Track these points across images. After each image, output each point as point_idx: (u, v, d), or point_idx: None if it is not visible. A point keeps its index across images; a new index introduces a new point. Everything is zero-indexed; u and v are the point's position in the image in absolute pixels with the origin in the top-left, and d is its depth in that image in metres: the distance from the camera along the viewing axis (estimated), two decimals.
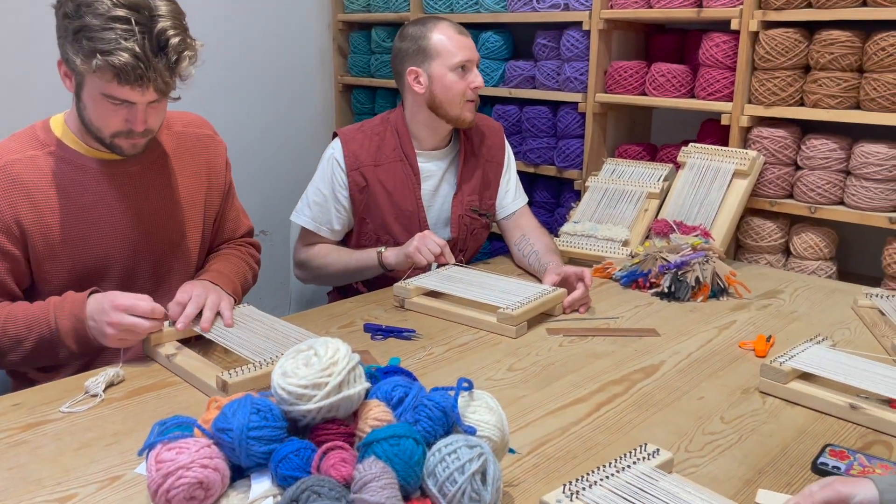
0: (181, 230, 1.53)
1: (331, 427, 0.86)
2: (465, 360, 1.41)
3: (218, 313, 1.38)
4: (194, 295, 1.38)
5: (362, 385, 0.88)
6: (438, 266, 1.76)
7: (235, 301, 1.49)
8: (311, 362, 0.87)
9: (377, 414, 0.89)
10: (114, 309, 1.26)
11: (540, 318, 1.61)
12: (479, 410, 0.94)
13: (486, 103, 2.75)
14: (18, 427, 1.11)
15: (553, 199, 2.64)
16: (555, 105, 2.55)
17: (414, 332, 1.53)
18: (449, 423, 0.89)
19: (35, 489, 0.95)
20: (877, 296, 1.68)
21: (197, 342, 1.39)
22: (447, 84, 1.79)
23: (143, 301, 1.28)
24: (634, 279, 1.83)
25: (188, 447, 0.79)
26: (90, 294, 1.31)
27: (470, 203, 1.92)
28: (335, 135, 1.91)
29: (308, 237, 1.92)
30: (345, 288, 1.98)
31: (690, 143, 2.16)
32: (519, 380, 1.32)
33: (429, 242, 1.71)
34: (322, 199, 1.87)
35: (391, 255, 1.79)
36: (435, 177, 1.91)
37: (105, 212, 1.41)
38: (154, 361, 1.34)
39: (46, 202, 1.36)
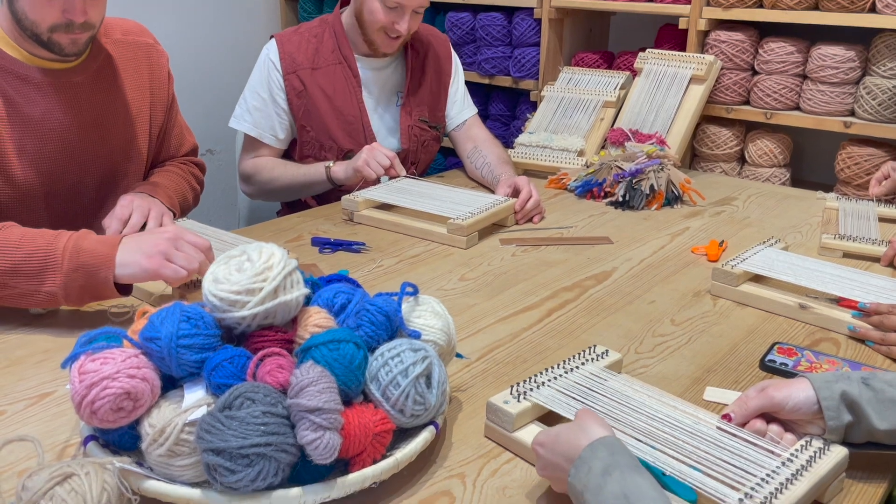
0: (128, 145, 1.43)
1: (267, 334, 0.82)
2: (416, 271, 1.37)
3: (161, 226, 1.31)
4: (135, 206, 1.31)
5: (300, 291, 0.84)
6: (389, 179, 1.70)
7: (174, 216, 1.42)
8: (244, 268, 0.82)
9: (317, 320, 0.85)
10: (166, 237, 1.09)
11: (492, 229, 1.58)
12: (425, 315, 0.91)
13: (438, 10, 2.63)
14: None
15: (508, 111, 2.57)
16: (510, 11, 2.45)
17: (363, 245, 1.48)
18: (393, 328, 0.86)
19: None
20: (839, 198, 1.68)
21: None
22: (371, 9, 1.69)
23: (185, 241, 1.12)
24: (589, 189, 1.81)
25: (113, 357, 0.74)
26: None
27: (419, 114, 1.85)
28: (272, 37, 1.81)
29: (252, 147, 1.83)
30: (294, 203, 1.92)
31: (648, 49, 2.10)
32: (470, 289, 1.30)
33: (377, 155, 1.65)
34: (261, 103, 1.78)
35: (339, 169, 1.72)
36: (379, 85, 1.83)
37: (55, 125, 1.30)
38: None
39: None
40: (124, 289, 1.10)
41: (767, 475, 0.74)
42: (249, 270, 0.81)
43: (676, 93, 1.99)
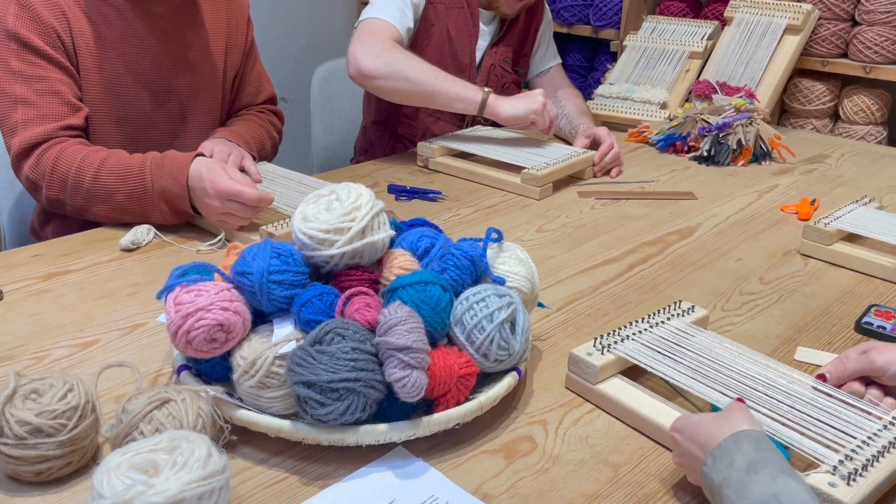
0: (201, 83, 1.44)
1: (354, 273, 0.82)
2: (493, 221, 1.36)
3: (242, 169, 1.33)
4: (216, 151, 1.32)
5: (386, 232, 0.84)
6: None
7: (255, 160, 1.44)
8: (333, 207, 0.82)
9: (402, 262, 0.85)
10: (217, 195, 1.15)
11: (568, 181, 1.55)
12: (509, 262, 0.90)
13: None
14: (39, 277, 1.09)
15: (586, 62, 2.50)
16: None
17: (439, 194, 1.47)
18: (477, 272, 0.85)
19: (58, 335, 0.94)
20: None
21: None
22: None
23: (249, 189, 1.15)
24: (672, 143, 1.74)
25: (207, 290, 0.76)
26: (195, 157, 1.21)
27: (504, 54, 1.80)
28: None
29: (383, 30, 1.57)
30: (368, 150, 1.90)
31: None
32: (548, 240, 1.28)
33: (550, 106, 1.56)
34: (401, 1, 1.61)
35: (505, 104, 1.52)
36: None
37: (131, 50, 1.32)
38: None
39: (78, 24, 1.26)
40: None
41: (868, 437, 0.71)
42: (338, 210, 0.81)
43: (769, 44, 1.89)
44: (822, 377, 0.80)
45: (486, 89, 1.54)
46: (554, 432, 0.79)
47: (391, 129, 1.81)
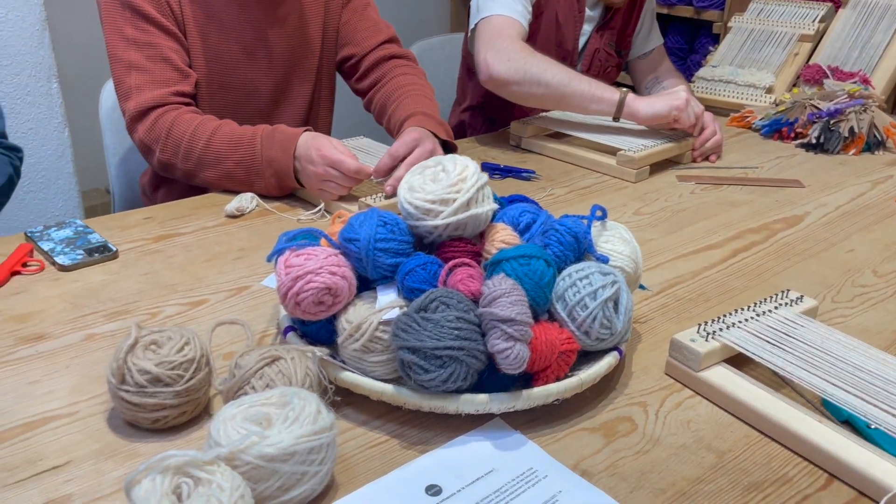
0: (303, 49, 1.45)
1: (457, 245, 0.82)
2: (588, 202, 1.34)
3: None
4: (417, 150, 1.22)
5: (490, 205, 0.84)
6: None
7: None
8: (439, 178, 0.83)
9: (504, 237, 0.84)
10: (321, 160, 1.19)
11: (665, 165, 1.51)
12: (613, 240, 0.88)
13: None
14: (151, 238, 1.14)
15: (686, 44, 2.42)
16: None
17: (533, 173, 1.46)
18: (580, 249, 0.84)
19: (169, 293, 0.99)
20: None
21: None
22: None
23: (350, 159, 1.18)
24: (777, 129, 1.68)
25: (316, 254, 0.78)
26: (304, 132, 1.24)
27: (609, 38, 1.75)
28: None
29: (510, 30, 1.50)
30: (461, 129, 1.90)
31: None
32: (646, 223, 1.25)
33: (695, 102, 1.50)
34: None
35: (644, 102, 1.47)
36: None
37: (234, 18, 1.35)
38: None
39: None
40: None
41: None
42: (444, 181, 0.82)
43: (888, 27, 1.78)
44: None
45: (624, 89, 1.49)
46: (654, 415, 0.78)
47: (486, 114, 1.81)
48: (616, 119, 1.51)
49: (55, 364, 0.83)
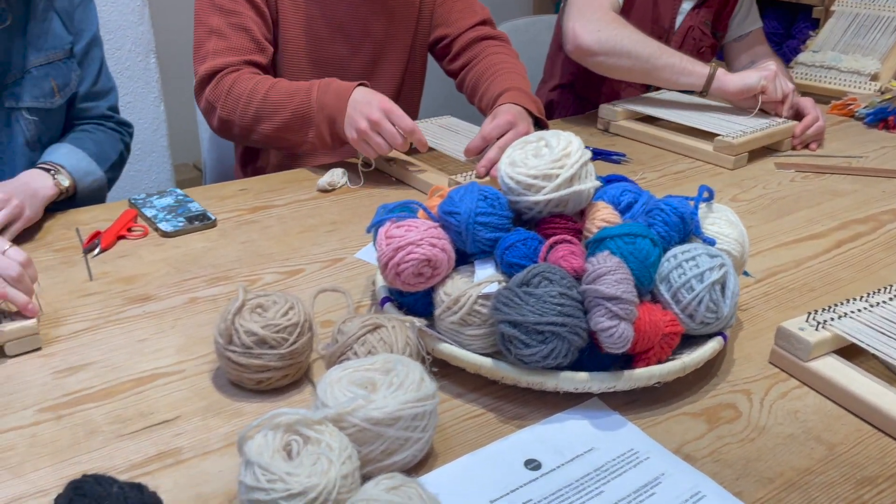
0: (397, 26, 1.45)
1: (558, 221, 0.81)
2: (682, 187, 1.30)
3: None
4: (511, 132, 1.21)
5: (593, 183, 0.82)
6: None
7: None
8: (542, 153, 0.82)
9: (605, 215, 0.83)
10: (379, 105, 1.20)
11: (763, 152, 1.45)
12: (719, 223, 0.85)
13: None
14: (247, 209, 1.17)
15: (782, 29, 2.32)
16: None
17: (623, 156, 1.43)
18: (686, 230, 0.82)
19: (266, 262, 1.01)
20: None
21: None
22: None
23: (407, 119, 1.20)
24: (883, 117, 1.59)
25: (416, 226, 0.78)
26: (358, 85, 1.26)
27: (706, 16, 1.70)
28: None
29: (601, 0, 1.50)
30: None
31: None
32: (744, 210, 1.21)
33: (784, 80, 1.48)
34: None
35: (734, 76, 1.45)
36: None
37: None
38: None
39: None
40: None
41: None
42: (547, 156, 0.81)
43: None
44: None
45: (713, 63, 1.45)
46: (759, 403, 0.75)
47: (577, 93, 1.78)
48: (703, 94, 1.47)
49: (161, 324, 0.86)
